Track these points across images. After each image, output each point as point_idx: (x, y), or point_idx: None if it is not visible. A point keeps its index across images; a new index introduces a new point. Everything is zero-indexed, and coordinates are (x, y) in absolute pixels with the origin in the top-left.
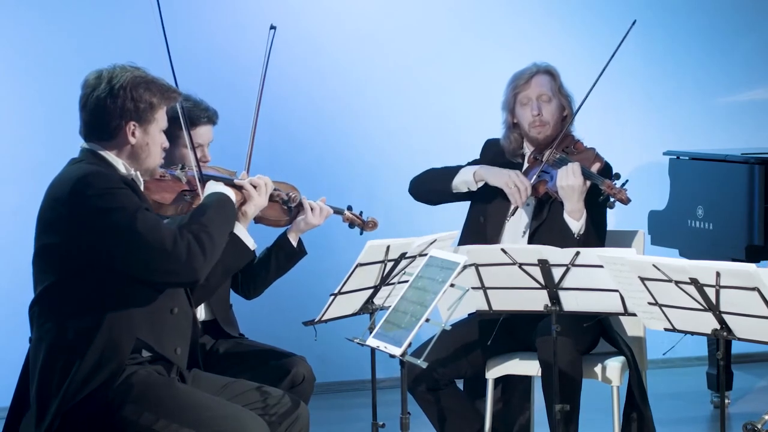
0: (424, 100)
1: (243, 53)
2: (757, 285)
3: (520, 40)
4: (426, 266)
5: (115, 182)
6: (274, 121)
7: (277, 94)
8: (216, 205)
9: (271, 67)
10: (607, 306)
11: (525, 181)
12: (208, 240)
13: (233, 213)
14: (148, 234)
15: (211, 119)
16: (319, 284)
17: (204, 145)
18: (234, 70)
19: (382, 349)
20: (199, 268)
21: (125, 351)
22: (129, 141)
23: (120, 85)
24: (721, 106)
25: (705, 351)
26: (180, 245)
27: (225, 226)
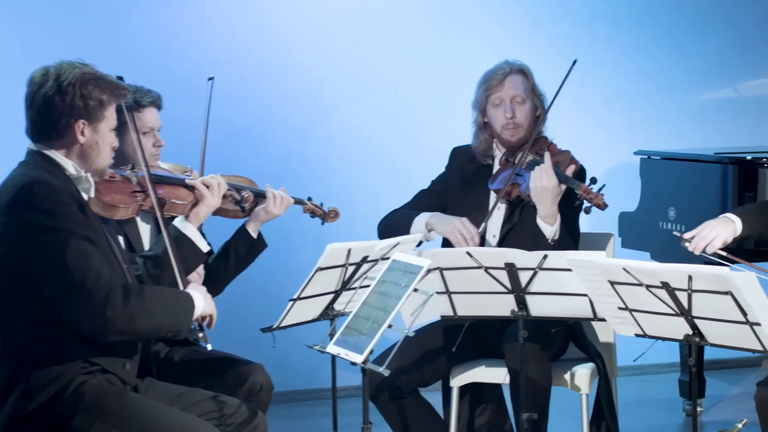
0: (388, 98)
1: (196, 50)
2: (731, 289)
3: (488, 37)
4: (389, 270)
5: (61, 197)
6: (231, 119)
7: (235, 92)
8: (175, 295)
9: (230, 64)
10: (575, 311)
11: (472, 229)
12: (138, 305)
13: (184, 317)
14: (74, 265)
15: (155, 102)
16: (278, 289)
17: (154, 129)
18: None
19: (343, 356)
20: (112, 320)
21: (74, 364)
22: (78, 140)
23: (68, 82)
24: (693, 105)
25: (677, 357)
26: (102, 287)
27: (165, 316)
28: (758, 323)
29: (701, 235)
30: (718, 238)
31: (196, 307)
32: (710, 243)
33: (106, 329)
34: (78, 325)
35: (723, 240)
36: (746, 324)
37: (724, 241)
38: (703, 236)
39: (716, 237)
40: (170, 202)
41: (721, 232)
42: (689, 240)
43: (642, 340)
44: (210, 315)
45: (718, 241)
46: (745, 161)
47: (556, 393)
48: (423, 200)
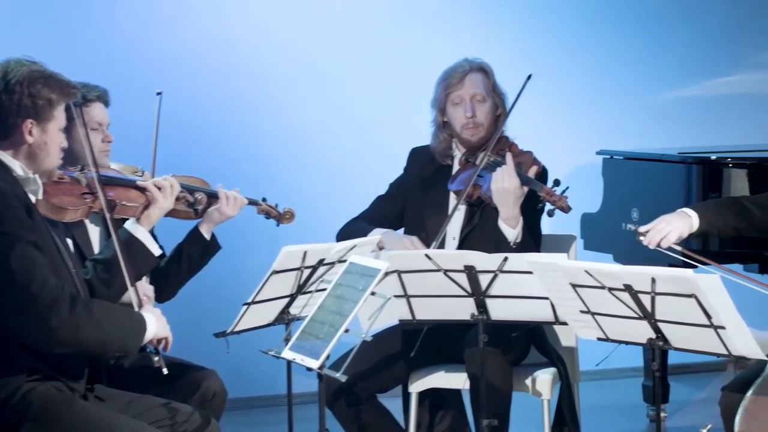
0: (346, 97)
1: (149, 48)
2: (695, 292)
3: (448, 35)
4: (345, 273)
5: (8, 200)
6: (183, 118)
7: (188, 90)
8: (126, 314)
9: (183, 62)
10: (537, 314)
11: (421, 248)
12: (85, 316)
13: (133, 338)
14: (19, 271)
15: (101, 98)
16: (232, 293)
17: (102, 125)
18: (140, 66)
19: (298, 361)
20: (56, 329)
21: (21, 372)
22: (26, 140)
23: (16, 81)
24: (657, 103)
25: (640, 361)
26: (47, 294)
27: (113, 333)
28: (723, 326)
29: (656, 229)
30: (673, 232)
31: (147, 329)
32: (665, 237)
33: (50, 339)
34: (21, 333)
35: (678, 234)
36: (710, 327)
37: (679, 236)
38: (658, 230)
39: (671, 231)
40: (121, 204)
41: (676, 226)
42: (644, 234)
43: (604, 344)
44: (165, 338)
45: (673, 236)
46: (710, 161)
47: (517, 398)
48: (380, 207)
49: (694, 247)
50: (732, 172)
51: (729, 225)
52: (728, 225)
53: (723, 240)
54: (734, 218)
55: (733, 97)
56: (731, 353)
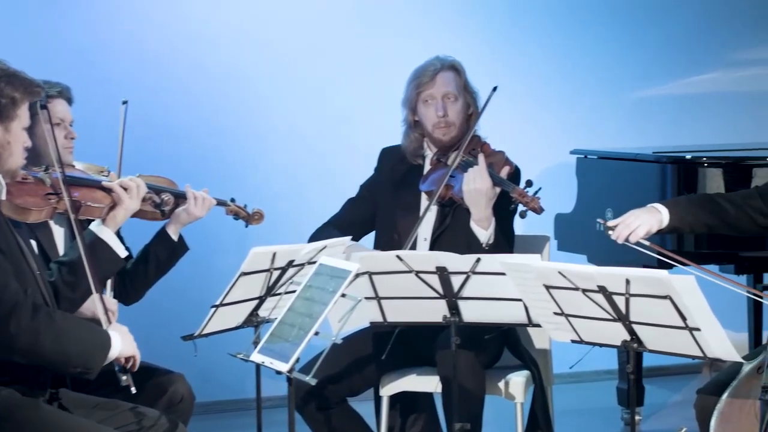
0: (316, 96)
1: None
2: (669, 293)
3: (418, 33)
4: (315, 275)
5: None
6: (150, 117)
7: (156, 89)
8: (90, 329)
9: (150, 60)
10: (510, 316)
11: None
12: (46, 324)
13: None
14: None
15: (63, 94)
16: (200, 295)
17: (64, 121)
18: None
19: (267, 365)
20: (15, 336)
21: None
22: None
23: None
24: (632, 102)
25: (615, 364)
26: (7, 300)
27: (75, 347)
28: (698, 328)
29: (625, 223)
30: (642, 226)
31: (112, 347)
32: (633, 231)
33: (9, 345)
34: None
35: (647, 229)
36: (686, 329)
37: (647, 231)
38: (626, 224)
39: (640, 226)
40: (86, 205)
41: (645, 221)
42: (612, 228)
43: (578, 347)
44: (133, 356)
45: (642, 230)
46: (685, 161)
47: (489, 402)
48: (351, 210)
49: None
50: (707, 172)
51: (700, 221)
52: (700, 221)
53: (698, 240)
54: (706, 215)
55: (708, 96)
56: (706, 355)
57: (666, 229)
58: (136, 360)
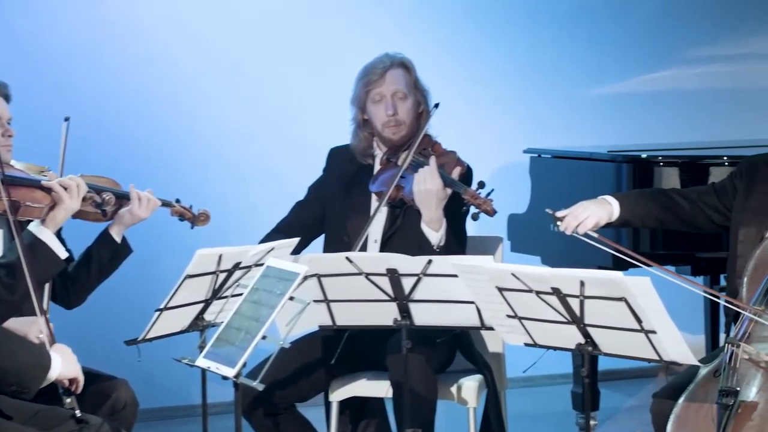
0: (264, 94)
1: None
2: (625, 295)
3: (368, 29)
4: (262, 277)
5: None
6: (93, 115)
7: (98, 85)
8: (28, 347)
9: (92, 56)
10: (462, 319)
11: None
12: None
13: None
14: None
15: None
16: (143, 298)
17: (2, 119)
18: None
19: (213, 369)
20: None
21: None
22: None
23: None
24: (587, 100)
25: (569, 368)
26: None
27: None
28: (653, 331)
29: (573, 214)
30: (591, 218)
31: (51, 368)
32: (582, 223)
33: None
34: None
35: (595, 221)
36: (641, 332)
37: (596, 223)
38: (575, 215)
39: (588, 217)
40: (25, 205)
41: (594, 212)
42: (561, 219)
43: (532, 350)
44: (75, 378)
45: (590, 222)
46: (640, 160)
47: (441, 407)
48: (299, 214)
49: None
50: (663, 171)
51: (652, 215)
52: (651, 215)
53: (654, 241)
54: (658, 209)
55: (665, 94)
56: (662, 358)
57: (616, 222)
58: (79, 383)
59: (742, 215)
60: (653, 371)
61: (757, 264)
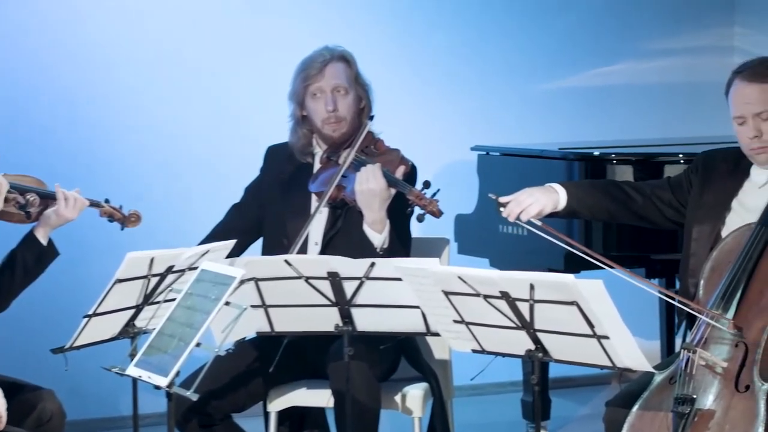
0: (199, 89)
1: None
2: (576, 299)
3: (309, 21)
4: (197, 281)
5: None
6: (17, 110)
7: (23, 79)
8: None
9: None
10: (406, 325)
11: None
12: None
13: None
14: None
15: None
16: (71, 304)
17: None
18: None
19: (145, 379)
20: None
21: None
22: None
23: None
24: (536, 95)
25: (519, 375)
26: None
27: None
28: (606, 336)
29: (517, 200)
30: (535, 205)
31: None
32: (525, 210)
33: None
34: None
35: (539, 208)
36: (593, 337)
37: (540, 210)
38: (518, 201)
39: (532, 204)
40: None
41: (538, 199)
42: (504, 205)
43: (480, 357)
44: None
45: (534, 209)
46: (592, 157)
47: (385, 416)
48: (235, 218)
49: None
50: (616, 169)
51: (602, 207)
52: (601, 207)
53: (607, 242)
54: (609, 201)
55: (619, 88)
56: (616, 365)
57: (562, 211)
58: (2, 420)
59: (696, 212)
60: (606, 378)
61: (713, 266)
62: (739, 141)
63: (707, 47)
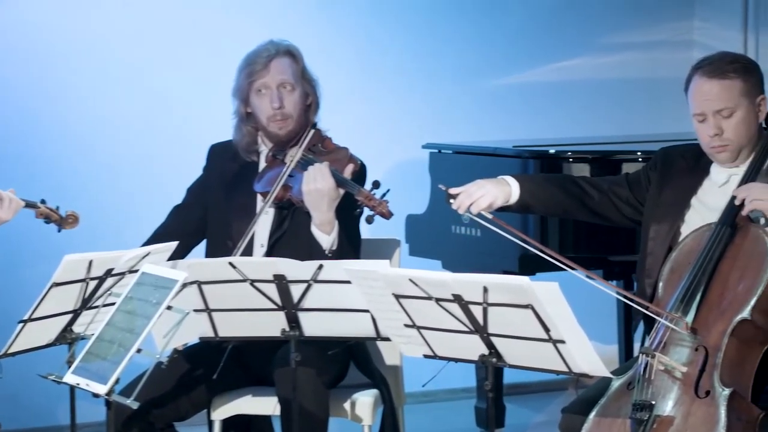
0: (140, 85)
1: None
2: (531, 302)
3: (255, 14)
4: (137, 285)
5: None
6: None
7: None
8: None
9: None
10: (356, 329)
11: None
12: None
13: None
14: None
15: None
16: (5, 309)
17: None
18: None
19: (83, 386)
20: None
21: None
22: None
23: None
24: (490, 91)
25: (472, 381)
26: None
27: None
28: (562, 341)
29: (467, 192)
30: (485, 197)
31: None
32: (475, 202)
33: None
34: None
35: (490, 200)
36: (549, 342)
37: (491, 203)
38: (469, 193)
39: (483, 196)
40: None
41: (489, 191)
42: (454, 196)
43: (432, 363)
44: None
45: (484, 201)
46: (548, 155)
47: (334, 424)
48: (177, 220)
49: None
50: (573, 167)
51: (556, 202)
52: (556, 202)
53: (564, 243)
54: (564, 196)
55: (576, 83)
56: (572, 370)
57: (515, 205)
58: None
59: (654, 210)
60: (562, 384)
61: (673, 267)
62: (699, 139)
63: (666, 41)
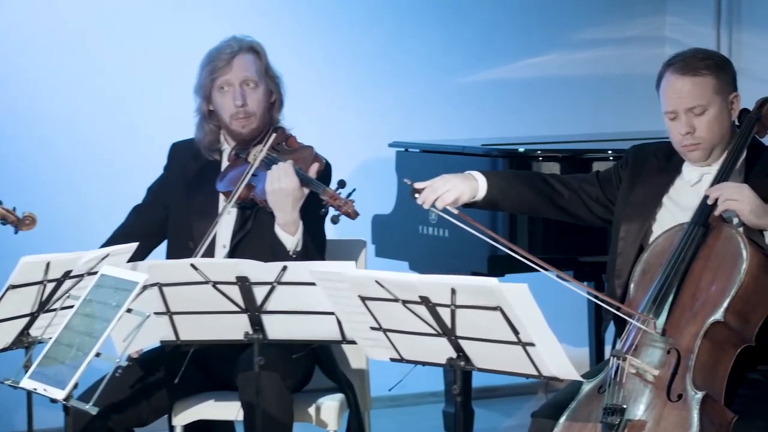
0: (98, 82)
1: None
2: (500, 304)
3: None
4: (96, 287)
5: None
6: None
7: None
8: None
9: None
10: (321, 332)
11: None
12: None
13: None
14: None
15: None
16: None
17: None
18: None
19: (40, 391)
20: None
21: None
22: None
23: None
24: (458, 88)
25: (440, 385)
26: None
27: None
28: (532, 343)
29: (433, 187)
30: (451, 192)
31: None
32: (441, 196)
33: None
34: None
35: (456, 195)
36: (518, 344)
37: (456, 198)
38: (434, 188)
39: (449, 191)
40: None
41: (455, 185)
42: (419, 191)
43: (399, 366)
44: None
45: (450, 196)
46: (517, 154)
47: (298, 430)
48: (137, 220)
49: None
50: (542, 166)
51: (526, 199)
52: (525, 199)
53: (533, 244)
54: (533, 193)
55: (546, 80)
56: (542, 374)
57: (482, 201)
58: None
59: (624, 209)
60: (532, 388)
61: (645, 268)
62: (670, 137)
63: (638, 38)
